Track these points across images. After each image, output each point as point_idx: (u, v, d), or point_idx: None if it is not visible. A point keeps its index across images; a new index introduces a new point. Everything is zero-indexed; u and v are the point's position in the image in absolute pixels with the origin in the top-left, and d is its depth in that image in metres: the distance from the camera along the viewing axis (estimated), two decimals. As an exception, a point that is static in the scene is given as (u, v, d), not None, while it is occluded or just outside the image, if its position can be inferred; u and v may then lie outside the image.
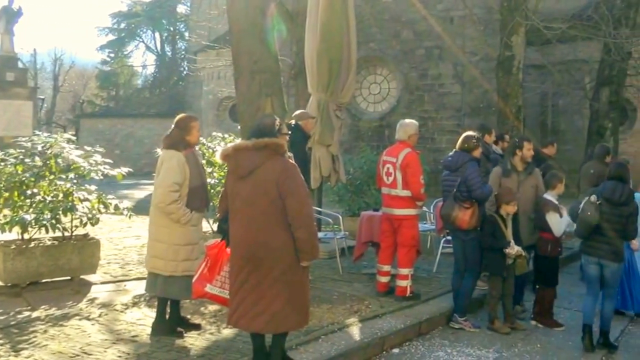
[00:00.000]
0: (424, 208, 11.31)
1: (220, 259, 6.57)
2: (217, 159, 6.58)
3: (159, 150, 12.16)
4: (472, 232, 8.95)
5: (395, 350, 7.99)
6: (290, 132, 7.31)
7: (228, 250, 6.41)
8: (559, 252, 9.49)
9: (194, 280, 6.76)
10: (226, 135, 12.42)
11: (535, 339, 8.78)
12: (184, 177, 7.28)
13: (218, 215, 6.80)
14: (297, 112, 11.21)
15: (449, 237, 11.21)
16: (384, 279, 9.86)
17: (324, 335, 7.60)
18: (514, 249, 8.84)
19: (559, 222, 9.20)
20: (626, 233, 8.23)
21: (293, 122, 10.31)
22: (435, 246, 12.57)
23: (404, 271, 9.52)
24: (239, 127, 10.24)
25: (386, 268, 9.84)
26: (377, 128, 29.05)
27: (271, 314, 5.96)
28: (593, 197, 8.21)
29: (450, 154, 9.33)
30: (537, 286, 9.73)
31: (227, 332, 7.68)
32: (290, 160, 6.19)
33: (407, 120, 9.92)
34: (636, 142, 27.74)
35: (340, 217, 12.40)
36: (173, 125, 7.67)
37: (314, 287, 9.80)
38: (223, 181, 11.46)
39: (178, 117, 7.80)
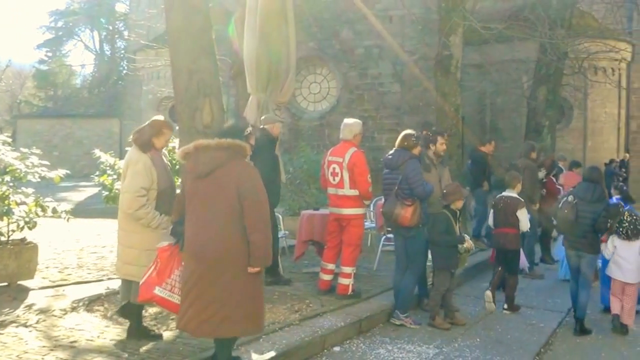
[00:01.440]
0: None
1: (172, 263, 6.44)
2: (177, 157, 6.33)
3: (97, 151, 12.09)
4: (414, 229, 9.04)
5: (337, 349, 8.04)
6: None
7: (181, 254, 6.32)
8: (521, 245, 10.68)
9: (140, 282, 6.59)
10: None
11: (475, 333, 8.94)
12: (151, 181, 7.16)
13: (172, 217, 6.63)
14: (267, 115, 11.24)
15: (390, 235, 11.36)
16: (327, 277, 9.92)
17: (264, 335, 7.57)
18: (469, 243, 9.16)
19: (526, 219, 10.32)
20: (599, 228, 9.31)
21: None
22: (375, 244, 12.67)
23: (347, 270, 9.58)
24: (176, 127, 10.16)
25: (330, 266, 9.91)
26: (317, 127, 29.02)
27: (220, 319, 5.87)
28: (570, 198, 9.45)
29: (391, 152, 9.39)
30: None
31: (167, 334, 7.64)
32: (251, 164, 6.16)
33: (352, 120, 9.96)
34: (573, 140, 28.34)
35: (280, 217, 12.35)
36: (147, 123, 7.56)
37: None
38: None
39: (155, 117, 7.71)
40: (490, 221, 10.78)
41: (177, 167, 10.72)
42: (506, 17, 23.79)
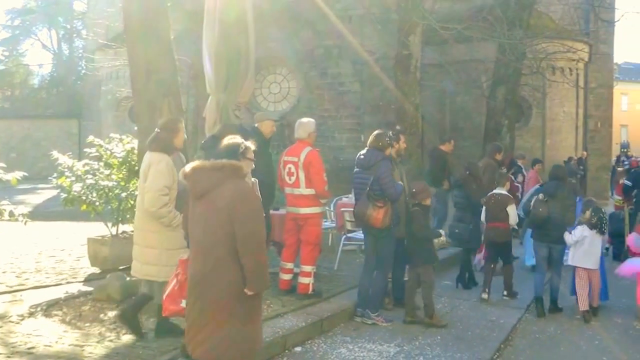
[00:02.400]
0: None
1: None
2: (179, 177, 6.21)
3: (55, 153, 11.95)
4: (385, 229, 9.09)
5: (298, 349, 8.06)
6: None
7: None
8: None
9: (163, 297, 6.40)
10: (124, 137, 12.19)
11: (436, 331, 9.00)
12: (172, 181, 7.25)
13: (184, 233, 6.41)
14: (259, 113, 11.26)
15: (350, 235, 11.38)
16: (287, 277, 9.93)
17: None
18: (444, 237, 9.40)
19: (515, 214, 11.18)
20: (567, 221, 10.26)
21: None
22: (336, 244, 12.68)
23: (307, 268, 9.60)
24: (135, 128, 10.08)
25: (289, 266, 9.93)
26: (277, 127, 28.82)
27: (213, 343, 5.58)
28: (541, 196, 10.37)
29: (363, 151, 9.40)
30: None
31: (127, 338, 7.58)
32: (249, 184, 6.07)
33: (306, 119, 9.99)
34: (532, 138, 28.62)
35: None
36: (159, 129, 7.61)
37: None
38: (122, 183, 11.34)
39: (164, 120, 7.84)
40: (483, 217, 11.47)
41: (137, 168, 10.64)
42: (465, 17, 23.96)
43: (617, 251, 14.11)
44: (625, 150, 48.18)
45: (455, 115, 28.63)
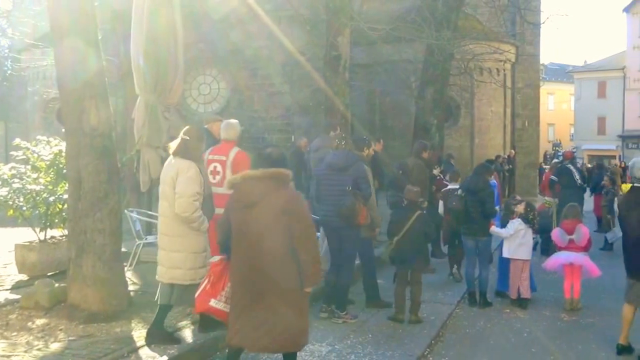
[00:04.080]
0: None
1: (224, 276, 6.84)
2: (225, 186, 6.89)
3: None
4: (355, 228, 9.41)
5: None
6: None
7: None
8: None
9: (196, 295, 7.01)
10: (52, 139, 11.98)
11: (367, 329, 9.06)
12: (201, 186, 7.59)
13: (217, 237, 6.96)
14: (207, 115, 11.24)
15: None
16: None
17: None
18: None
19: None
20: (487, 213, 10.84)
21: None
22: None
23: None
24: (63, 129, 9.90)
25: None
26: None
27: (276, 334, 6.24)
28: (459, 192, 11.16)
29: (334, 152, 9.54)
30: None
31: (56, 346, 7.48)
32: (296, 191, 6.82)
33: (233, 120, 9.97)
34: (460, 138, 29.04)
35: None
36: (186, 136, 7.80)
37: (146, 292, 9.69)
38: (50, 187, 11.13)
39: (189, 127, 8.00)
40: (441, 210, 12.82)
41: (64, 170, 10.47)
42: (394, 18, 24.16)
43: (545, 246, 14.49)
44: (557, 148, 49.45)
45: (385, 115, 28.88)
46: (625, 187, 11.45)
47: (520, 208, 10.90)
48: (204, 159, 9.68)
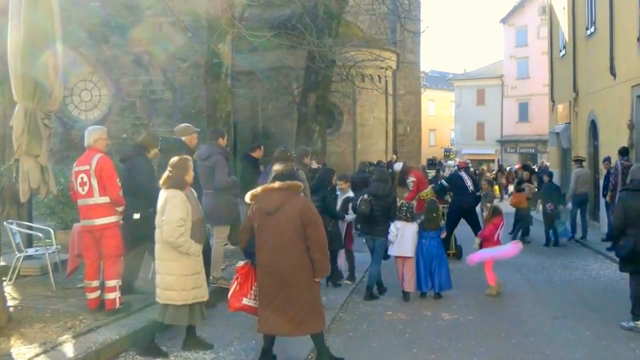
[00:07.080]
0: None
1: (250, 277, 8.01)
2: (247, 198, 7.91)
3: None
4: None
5: (112, 362, 7.91)
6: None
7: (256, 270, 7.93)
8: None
9: (229, 296, 8.08)
10: None
11: (251, 336, 8.99)
12: (187, 213, 7.98)
13: (240, 244, 8.31)
14: (181, 125, 11.21)
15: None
16: (94, 295, 9.45)
17: (35, 357, 7.37)
18: None
19: None
20: (390, 216, 11.81)
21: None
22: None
23: (111, 283, 9.24)
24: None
25: (95, 284, 9.43)
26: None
27: (299, 320, 7.60)
28: (366, 196, 11.76)
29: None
30: None
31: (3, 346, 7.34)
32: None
33: (93, 126, 9.89)
34: (343, 143, 29.36)
35: (52, 231, 11.72)
36: (170, 168, 8.21)
37: (26, 307, 9.44)
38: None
39: (175, 159, 8.34)
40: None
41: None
42: (275, 25, 24.25)
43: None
44: (448, 153, 50.70)
45: (267, 121, 28.94)
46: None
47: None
48: (72, 172, 9.51)
